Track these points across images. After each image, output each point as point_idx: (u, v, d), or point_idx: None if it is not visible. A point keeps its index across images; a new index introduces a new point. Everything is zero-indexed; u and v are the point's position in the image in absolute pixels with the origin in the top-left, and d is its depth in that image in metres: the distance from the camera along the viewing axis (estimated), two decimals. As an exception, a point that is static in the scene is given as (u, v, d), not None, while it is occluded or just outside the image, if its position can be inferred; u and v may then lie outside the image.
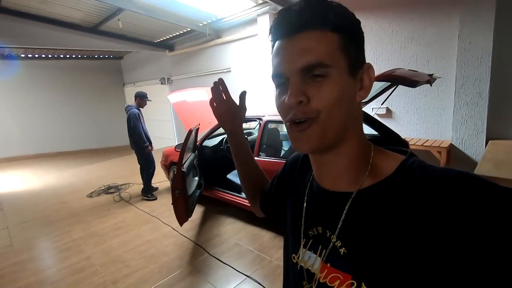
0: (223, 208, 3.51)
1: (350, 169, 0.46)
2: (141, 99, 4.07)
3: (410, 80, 1.90)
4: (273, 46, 0.47)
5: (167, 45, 6.63)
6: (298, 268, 0.53)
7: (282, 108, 0.45)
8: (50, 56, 7.52)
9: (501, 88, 2.81)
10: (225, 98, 0.72)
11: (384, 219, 0.41)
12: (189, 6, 4.33)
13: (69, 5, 4.59)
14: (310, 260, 0.50)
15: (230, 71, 5.54)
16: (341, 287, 0.44)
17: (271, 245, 2.66)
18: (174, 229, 3.09)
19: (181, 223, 2.59)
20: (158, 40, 6.44)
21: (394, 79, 1.97)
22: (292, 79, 0.42)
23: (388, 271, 0.39)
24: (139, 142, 3.94)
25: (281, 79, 0.44)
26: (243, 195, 3.22)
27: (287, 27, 0.43)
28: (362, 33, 0.45)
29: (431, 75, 2.21)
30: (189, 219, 2.72)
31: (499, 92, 2.82)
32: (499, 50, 2.73)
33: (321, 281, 0.47)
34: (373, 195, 0.43)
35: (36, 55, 7.36)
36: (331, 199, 0.48)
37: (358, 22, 0.44)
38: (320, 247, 0.49)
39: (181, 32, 5.85)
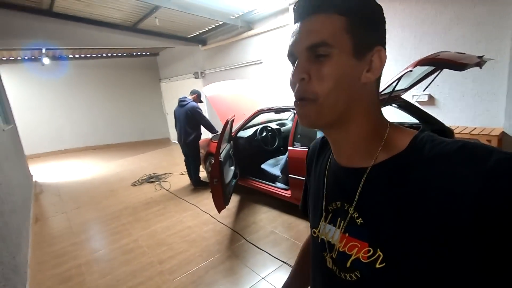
0: (258, 197, 3.59)
1: (363, 145, 0.49)
2: (198, 97, 4.29)
3: (457, 63, 1.78)
4: None
5: (200, 40, 6.79)
6: (319, 241, 0.57)
7: (290, 85, 0.49)
8: (94, 55, 8.08)
9: None
10: None
11: (396, 191, 0.44)
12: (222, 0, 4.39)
13: (110, 6, 4.87)
14: (330, 232, 0.54)
15: (261, 62, 5.55)
16: (359, 254, 0.47)
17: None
18: (212, 217, 3.24)
19: (219, 210, 2.71)
20: (192, 35, 6.61)
21: (439, 62, 1.86)
22: (299, 57, 0.46)
23: (400, 238, 0.42)
24: (212, 131, 4.18)
25: (292, 59, 0.49)
26: (278, 184, 3.26)
27: (300, 12, 0.47)
28: (378, 17, 0.47)
29: (481, 57, 2.05)
30: (226, 207, 2.83)
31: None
32: None
33: (340, 250, 0.50)
34: (386, 169, 0.46)
35: (83, 55, 7.95)
36: (347, 175, 0.51)
37: (373, 6, 0.46)
38: (339, 219, 0.52)
39: (214, 26, 5.94)
